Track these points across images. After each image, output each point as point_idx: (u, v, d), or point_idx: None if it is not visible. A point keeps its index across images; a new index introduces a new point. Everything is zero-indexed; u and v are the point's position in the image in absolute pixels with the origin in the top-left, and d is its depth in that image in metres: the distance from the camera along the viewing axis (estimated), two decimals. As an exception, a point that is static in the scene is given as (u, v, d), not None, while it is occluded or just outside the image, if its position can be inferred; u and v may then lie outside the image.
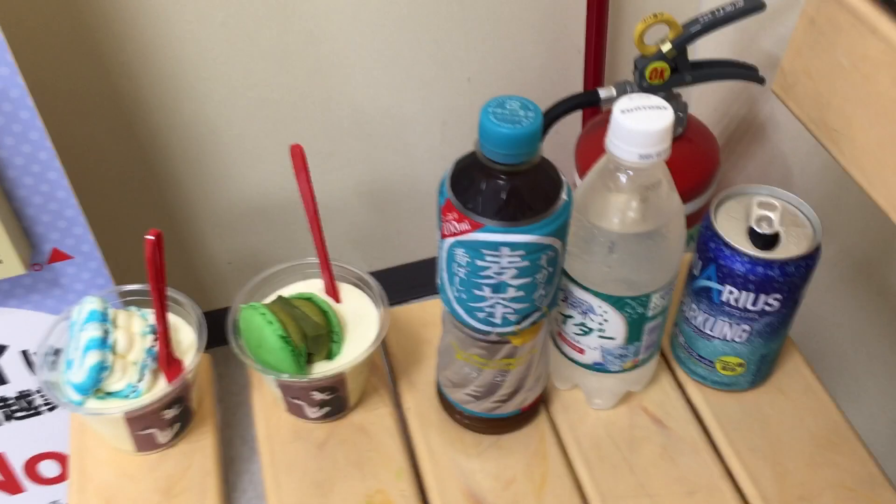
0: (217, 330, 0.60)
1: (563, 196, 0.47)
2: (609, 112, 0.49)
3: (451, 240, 0.48)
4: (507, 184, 0.46)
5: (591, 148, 0.97)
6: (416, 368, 0.65)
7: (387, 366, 0.66)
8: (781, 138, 1.03)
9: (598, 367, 0.59)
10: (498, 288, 0.49)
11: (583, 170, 0.97)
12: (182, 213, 1.16)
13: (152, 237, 0.50)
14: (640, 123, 0.47)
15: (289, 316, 0.56)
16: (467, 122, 1.19)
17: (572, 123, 1.09)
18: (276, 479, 0.59)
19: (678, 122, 0.91)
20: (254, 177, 1.15)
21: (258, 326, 0.55)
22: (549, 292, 0.51)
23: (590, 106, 0.95)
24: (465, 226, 0.46)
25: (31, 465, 0.94)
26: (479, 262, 0.47)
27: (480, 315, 0.51)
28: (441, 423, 0.61)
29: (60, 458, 0.94)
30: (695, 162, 0.93)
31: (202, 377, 0.64)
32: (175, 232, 1.17)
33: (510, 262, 0.47)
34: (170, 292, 0.58)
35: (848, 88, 0.50)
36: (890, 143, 0.44)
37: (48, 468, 0.95)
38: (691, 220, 0.58)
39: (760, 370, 0.62)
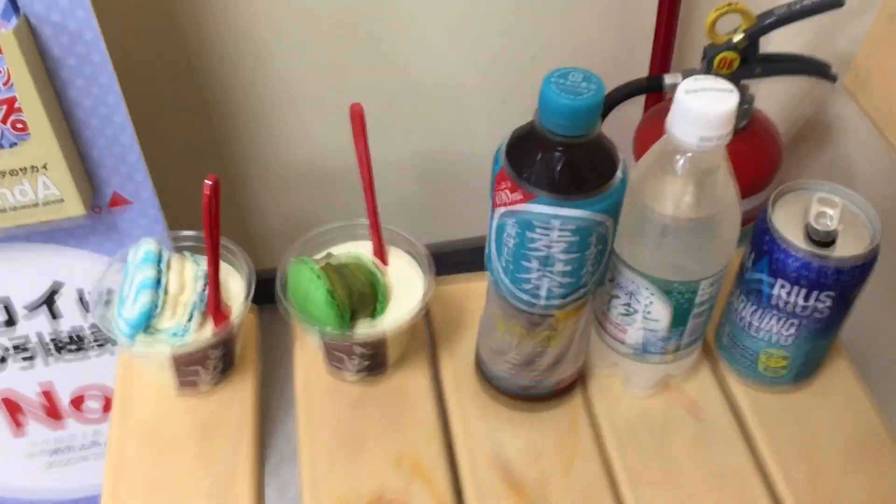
0: (263, 290, 0.61)
1: (619, 174, 0.47)
2: (672, 100, 0.48)
3: (502, 210, 0.48)
4: (564, 156, 0.46)
5: (650, 135, 0.96)
6: (456, 338, 0.66)
7: (428, 333, 0.66)
8: (848, 140, 1.00)
9: (639, 351, 0.59)
10: (546, 262, 0.49)
11: (640, 156, 0.96)
12: (239, 169, 1.17)
13: (210, 182, 0.52)
14: (703, 105, 0.46)
15: (336, 273, 0.57)
16: (528, 100, 1.18)
17: (634, 109, 1.08)
18: (310, 432, 0.60)
19: (742, 114, 0.89)
20: (312, 139, 1.16)
21: (306, 280, 0.56)
22: (596, 270, 0.51)
23: (653, 91, 0.94)
24: (517, 196, 0.46)
25: (76, 401, 0.97)
26: (529, 234, 0.47)
27: (526, 287, 0.51)
28: (476, 394, 0.62)
29: (103, 398, 0.97)
30: (756, 157, 0.92)
31: (248, 327, 0.65)
32: (229, 188, 1.19)
33: (560, 237, 0.47)
34: (223, 241, 0.59)
35: (923, 88, 0.49)
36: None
37: (92, 405, 0.98)
38: (747, 218, 0.57)
39: (804, 369, 0.61)
